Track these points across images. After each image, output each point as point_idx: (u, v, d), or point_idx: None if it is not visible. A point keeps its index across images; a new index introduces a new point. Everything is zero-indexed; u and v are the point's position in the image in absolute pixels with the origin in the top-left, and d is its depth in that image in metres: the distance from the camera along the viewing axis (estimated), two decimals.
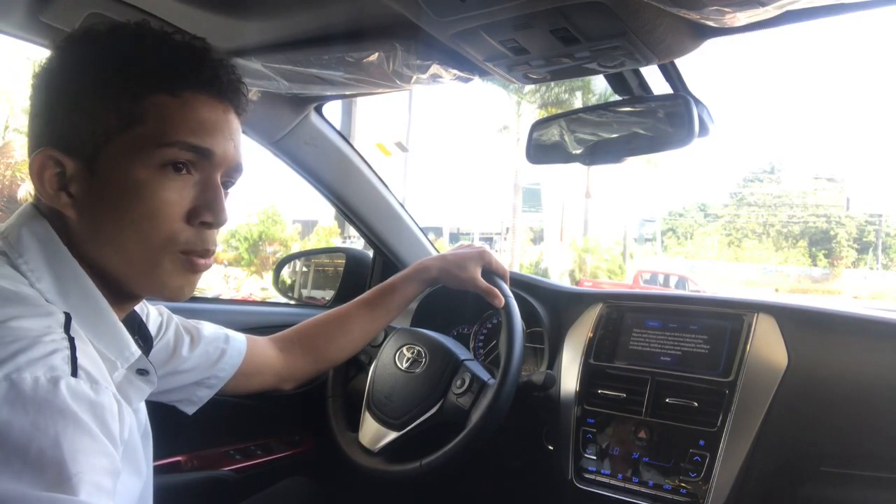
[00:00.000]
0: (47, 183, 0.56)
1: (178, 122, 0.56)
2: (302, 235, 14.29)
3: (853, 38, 66.06)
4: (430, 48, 0.87)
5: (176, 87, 0.57)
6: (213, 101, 0.59)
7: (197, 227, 0.59)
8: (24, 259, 0.54)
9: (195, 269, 0.60)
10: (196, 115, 0.58)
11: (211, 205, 0.59)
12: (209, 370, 0.86)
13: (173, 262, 0.58)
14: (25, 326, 0.47)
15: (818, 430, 0.94)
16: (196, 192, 0.59)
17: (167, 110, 0.56)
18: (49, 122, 0.57)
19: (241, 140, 0.64)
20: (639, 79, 0.93)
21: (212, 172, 0.60)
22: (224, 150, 0.60)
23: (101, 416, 0.46)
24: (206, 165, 0.59)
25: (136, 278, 0.58)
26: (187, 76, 0.58)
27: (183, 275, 0.60)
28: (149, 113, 0.56)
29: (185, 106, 0.57)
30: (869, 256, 31.59)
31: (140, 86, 0.56)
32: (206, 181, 0.59)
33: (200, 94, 0.58)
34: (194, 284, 0.62)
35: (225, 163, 0.61)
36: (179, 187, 0.57)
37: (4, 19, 0.89)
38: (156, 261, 0.58)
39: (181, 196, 0.58)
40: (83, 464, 0.42)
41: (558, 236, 19.39)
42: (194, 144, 0.57)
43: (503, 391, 0.95)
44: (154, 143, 0.55)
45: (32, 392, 0.42)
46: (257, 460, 1.30)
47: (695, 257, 32.04)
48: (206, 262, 0.61)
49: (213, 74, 0.59)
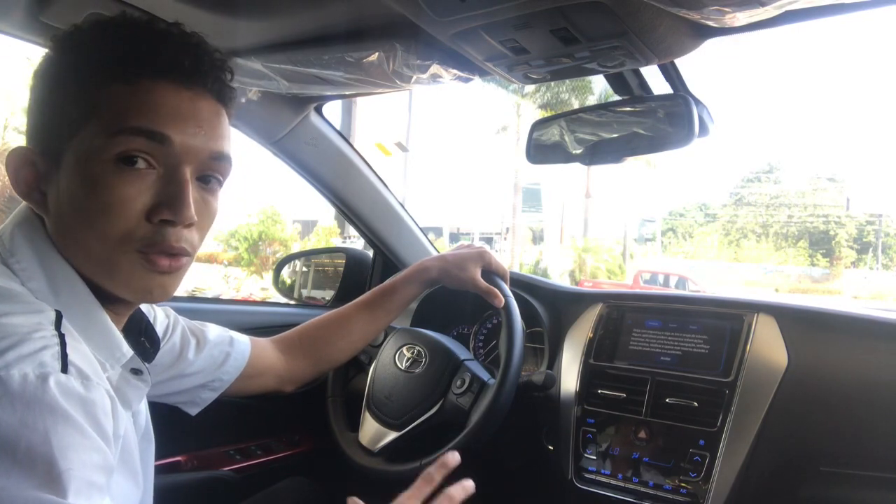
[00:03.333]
0: (22, 181, 0.56)
1: (131, 108, 0.53)
2: (302, 235, 14.28)
3: (853, 38, 66.11)
4: (430, 48, 0.87)
5: (131, 75, 0.54)
6: (176, 87, 0.55)
7: (157, 224, 0.54)
8: (15, 258, 0.54)
9: (159, 268, 0.55)
10: (151, 100, 0.54)
11: (172, 201, 0.54)
12: (214, 373, 0.86)
13: (132, 262, 0.55)
14: (15, 323, 0.47)
15: (818, 430, 0.94)
16: (158, 188, 0.54)
17: (121, 99, 0.53)
18: (29, 122, 0.57)
19: (222, 129, 0.59)
20: (639, 79, 0.93)
21: (177, 166, 0.55)
22: (188, 140, 0.55)
23: (92, 413, 0.45)
24: (167, 157, 0.54)
25: (102, 279, 0.55)
26: (142, 63, 0.54)
27: (146, 275, 0.55)
28: (103, 104, 0.53)
29: (140, 93, 0.54)
30: (869, 256, 31.59)
31: (97, 76, 0.54)
32: (170, 175, 0.55)
33: (160, 81, 0.54)
34: (167, 286, 0.57)
35: (193, 154, 0.56)
36: (137, 182, 0.53)
37: (4, 19, 0.89)
38: (114, 260, 0.54)
39: (139, 191, 0.54)
40: (73, 460, 0.42)
41: (558, 236, 19.40)
42: (143, 128, 0.53)
43: (503, 391, 0.94)
44: (105, 134, 0.52)
45: (21, 389, 0.42)
46: (257, 460, 1.30)
47: (695, 257, 32.04)
48: (172, 263, 0.56)
49: (174, 59, 0.55)
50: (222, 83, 0.59)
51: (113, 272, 0.55)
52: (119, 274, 0.55)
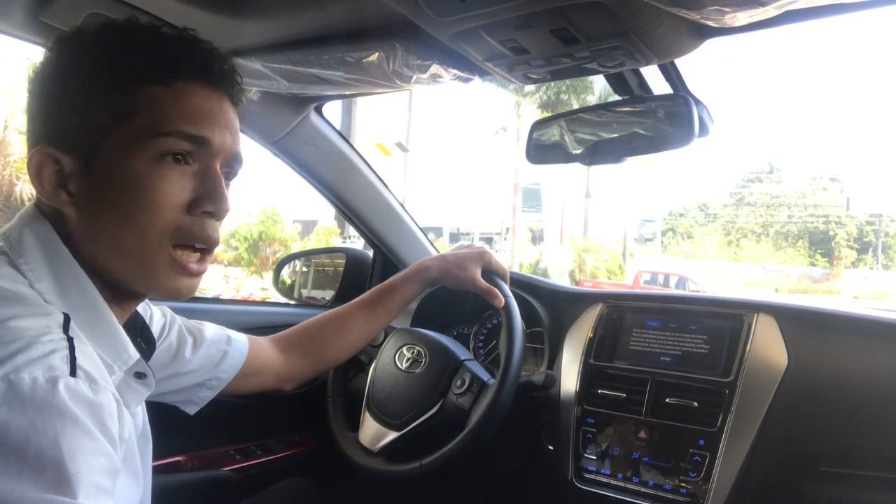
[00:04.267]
0: (46, 181, 0.56)
1: (173, 111, 0.56)
2: (302, 235, 14.29)
3: (853, 38, 66.10)
4: (430, 48, 0.87)
5: (167, 78, 0.56)
6: (207, 89, 0.59)
7: (199, 216, 0.58)
8: (24, 259, 0.54)
9: (189, 272, 0.59)
10: (190, 103, 0.57)
11: (212, 194, 0.58)
12: (211, 371, 0.86)
13: (165, 261, 0.58)
14: (24, 326, 0.47)
15: (818, 430, 0.94)
16: (196, 183, 0.58)
17: (160, 100, 0.56)
18: (45, 121, 0.57)
19: (238, 128, 0.63)
20: (639, 79, 0.93)
21: (211, 162, 0.59)
22: (221, 139, 0.59)
23: (99, 416, 0.46)
24: (204, 155, 0.58)
25: (132, 275, 0.58)
26: (178, 66, 0.57)
27: (177, 277, 0.59)
28: (142, 105, 0.55)
29: (179, 95, 0.56)
30: (869, 256, 31.60)
31: (131, 78, 0.55)
32: (205, 171, 0.59)
33: (193, 83, 0.58)
34: (193, 286, 0.61)
35: (223, 152, 0.60)
36: (178, 178, 0.57)
37: (4, 19, 0.89)
38: (151, 256, 0.57)
39: (181, 187, 0.57)
40: (82, 464, 0.42)
41: (558, 236, 19.41)
42: (191, 133, 0.56)
43: (503, 391, 0.94)
44: (149, 134, 0.55)
45: (31, 392, 0.42)
46: (257, 460, 1.30)
47: (695, 257, 32.05)
48: (199, 267, 0.60)
49: (205, 63, 0.58)
50: (238, 86, 0.62)
51: (147, 270, 0.57)
52: (153, 272, 0.58)
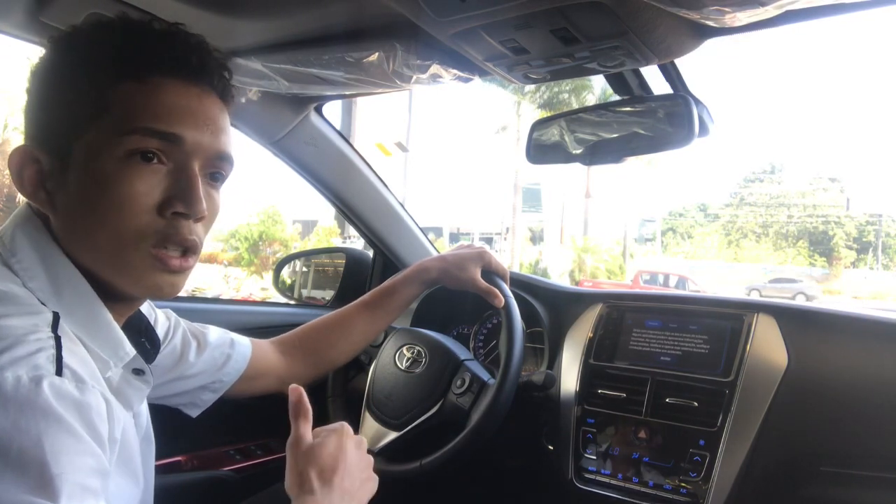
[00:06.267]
0: (27, 180, 0.55)
1: (143, 107, 0.54)
2: (302, 235, 14.30)
3: (853, 38, 66.09)
4: (430, 48, 0.87)
5: (142, 73, 0.54)
6: (185, 84, 0.56)
7: (170, 218, 0.55)
8: (16, 258, 0.54)
9: (170, 268, 0.57)
10: (162, 99, 0.55)
11: (184, 194, 0.55)
12: (214, 375, 0.87)
13: (143, 261, 0.55)
14: (11, 325, 0.46)
15: (818, 429, 0.94)
16: (169, 182, 0.55)
17: (132, 97, 0.54)
18: (30, 120, 0.57)
19: (225, 127, 0.60)
20: (639, 79, 0.93)
21: (186, 161, 0.56)
22: (197, 137, 0.56)
23: (86, 416, 0.45)
24: (178, 153, 0.56)
25: (112, 276, 0.56)
26: (152, 60, 0.55)
27: (157, 274, 0.56)
28: (115, 102, 0.54)
29: (152, 91, 0.54)
30: (869, 256, 31.61)
31: (106, 75, 0.54)
32: (180, 170, 0.56)
33: (169, 79, 0.55)
34: (177, 283, 0.58)
35: (201, 150, 0.57)
36: (148, 177, 0.54)
37: (4, 19, 0.89)
38: (126, 258, 0.55)
39: (151, 186, 0.54)
40: (65, 464, 0.41)
41: (558, 236, 19.41)
42: (159, 130, 0.54)
43: (503, 391, 0.94)
44: (118, 132, 0.53)
45: (14, 391, 0.42)
46: (257, 460, 1.30)
47: (695, 257, 32.06)
48: (182, 263, 0.57)
49: (182, 57, 0.56)
50: (225, 81, 0.60)
51: (124, 270, 0.56)
52: (131, 271, 0.56)
